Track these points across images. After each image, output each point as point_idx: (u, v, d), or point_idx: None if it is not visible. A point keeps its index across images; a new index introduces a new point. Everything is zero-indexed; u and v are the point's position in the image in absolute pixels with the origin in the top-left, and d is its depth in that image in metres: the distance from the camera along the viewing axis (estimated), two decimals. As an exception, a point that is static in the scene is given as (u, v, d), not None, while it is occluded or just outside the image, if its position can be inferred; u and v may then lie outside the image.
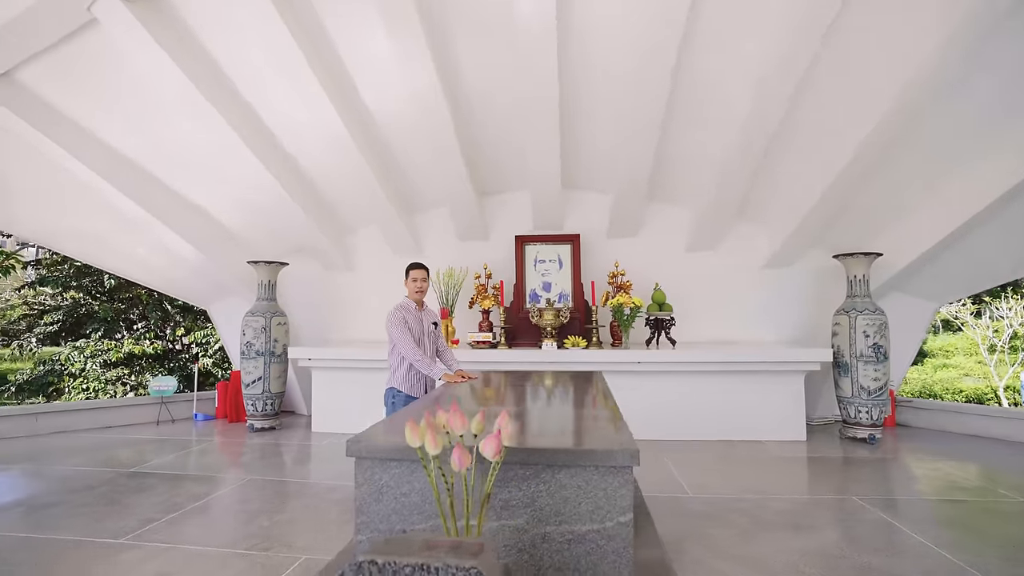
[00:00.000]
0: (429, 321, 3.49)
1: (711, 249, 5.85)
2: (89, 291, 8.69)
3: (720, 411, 5.04)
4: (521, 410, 2.34)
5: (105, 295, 8.69)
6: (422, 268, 3.50)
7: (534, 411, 2.31)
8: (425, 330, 3.43)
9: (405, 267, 3.51)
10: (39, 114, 4.78)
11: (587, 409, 2.33)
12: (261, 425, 5.59)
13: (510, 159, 5.47)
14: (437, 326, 3.54)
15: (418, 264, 3.51)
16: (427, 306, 3.57)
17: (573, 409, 2.39)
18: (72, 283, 8.58)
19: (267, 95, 4.75)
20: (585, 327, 5.54)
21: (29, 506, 3.39)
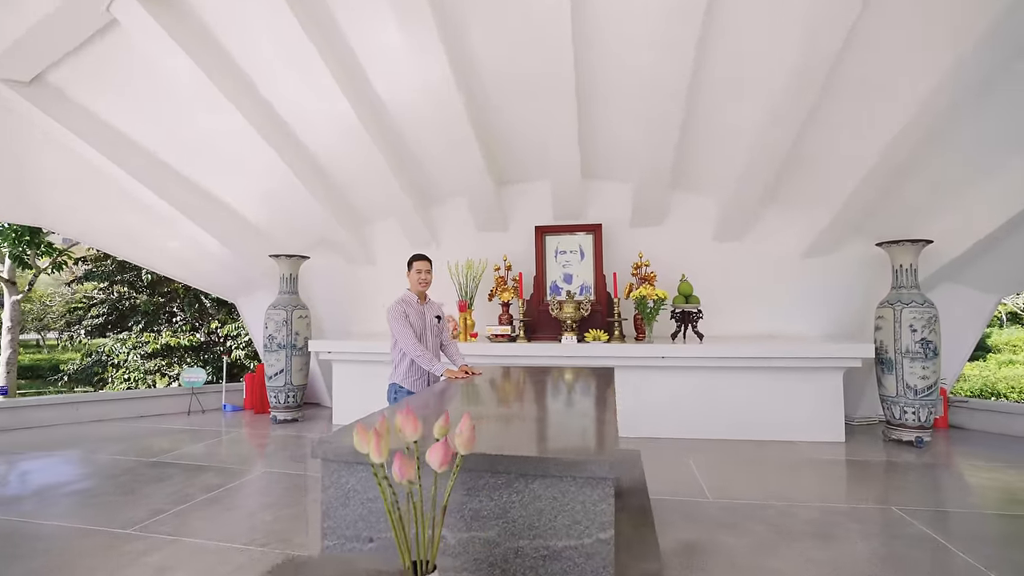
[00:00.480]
0: (432, 315, 3.39)
1: (740, 238, 5.52)
2: (132, 285, 9.05)
3: (750, 409, 4.76)
4: (509, 411, 2.20)
5: (146, 289, 9.04)
6: (426, 260, 3.39)
7: (522, 412, 2.16)
8: (427, 324, 3.33)
9: (408, 259, 3.42)
10: (69, 113, 4.93)
11: (582, 411, 2.17)
12: (284, 417, 5.66)
13: (529, 148, 5.30)
14: (440, 319, 3.44)
15: (421, 255, 3.41)
16: (430, 299, 3.47)
17: (566, 410, 2.23)
18: (116, 278, 8.96)
19: (281, 89, 4.76)
20: (607, 320, 5.33)
21: (50, 494, 3.50)
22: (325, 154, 5.33)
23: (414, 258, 3.38)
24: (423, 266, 3.36)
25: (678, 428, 4.84)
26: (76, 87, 4.86)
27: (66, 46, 4.53)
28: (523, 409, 2.22)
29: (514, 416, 2.06)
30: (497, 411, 2.19)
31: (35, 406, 5.68)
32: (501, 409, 2.24)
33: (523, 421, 1.96)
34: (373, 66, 4.54)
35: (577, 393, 2.59)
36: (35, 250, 9.87)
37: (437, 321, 3.40)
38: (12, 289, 10.27)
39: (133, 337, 8.40)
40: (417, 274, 3.34)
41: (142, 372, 7.96)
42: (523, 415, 2.09)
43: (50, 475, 3.95)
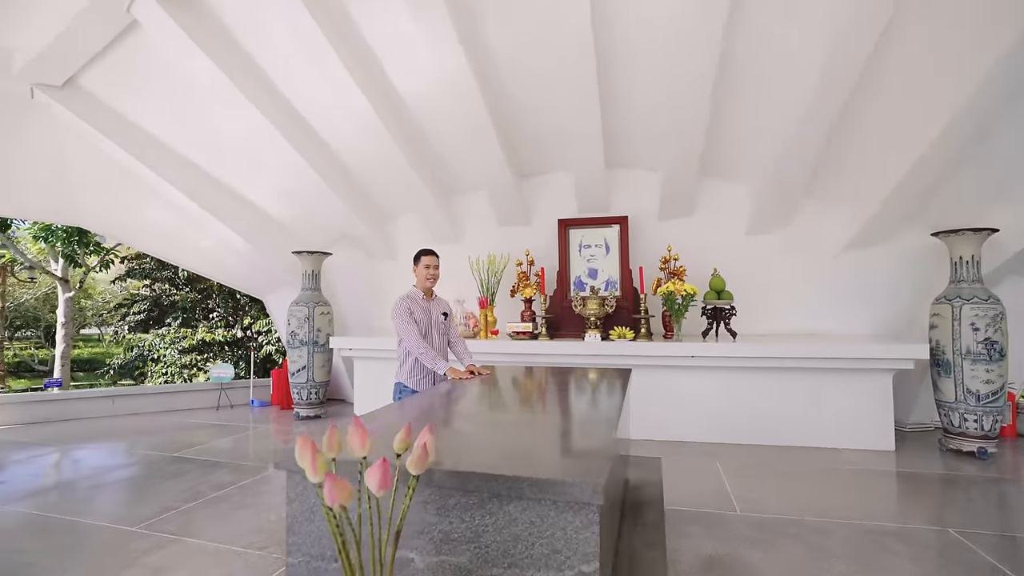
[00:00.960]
0: (438, 311, 3.25)
1: (777, 229, 5.14)
2: (172, 282, 9.35)
3: (787, 413, 4.42)
4: (503, 417, 2.02)
5: (184, 286, 9.32)
6: (433, 255, 3.26)
7: (517, 418, 1.97)
8: (433, 321, 3.20)
9: (416, 253, 3.28)
10: (99, 115, 5.02)
11: (583, 419, 1.96)
12: (306, 413, 5.67)
13: (549, 138, 5.09)
14: (448, 317, 3.29)
15: (429, 250, 3.27)
16: (437, 295, 3.34)
17: (565, 417, 2.02)
18: (156, 275, 9.27)
19: (300, 86, 4.71)
20: (633, 317, 5.08)
21: (69, 488, 3.56)
22: (345, 150, 5.27)
23: (421, 253, 3.25)
24: (431, 261, 3.23)
25: (707, 432, 4.55)
26: (106, 90, 4.95)
27: (92, 48, 4.60)
28: (519, 415, 2.04)
29: (505, 423, 1.88)
30: (489, 416, 2.02)
31: (75, 399, 5.89)
32: (494, 414, 2.07)
33: (514, 429, 1.78)
34: (389, 58, 4.43)
35: (584, 397, 2.39)
36: (84, 249, 10.35)
37: (444, 318, 3.26)
38: (65, 287, 10.80)
39: (171, 333, 8.68)
40: (425, 269, 3.21)
41: (178, 367, 8.20)
42: (517, 422, 1.91)
43: (73, 469, 4.04)
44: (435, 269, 3.24)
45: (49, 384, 9.79)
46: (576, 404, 2.27)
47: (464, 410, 2.15)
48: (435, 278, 3.24)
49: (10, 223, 10.53)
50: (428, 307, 3.21)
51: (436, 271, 3.25)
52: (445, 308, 3.32)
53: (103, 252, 10.65)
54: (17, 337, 19.45)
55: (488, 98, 4.54)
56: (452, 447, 1.49)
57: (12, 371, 15.85)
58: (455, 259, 5.89)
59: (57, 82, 4.89)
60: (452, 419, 2.00)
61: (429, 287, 3.24)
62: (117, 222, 6.19)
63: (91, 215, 6.07)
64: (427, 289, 3.24)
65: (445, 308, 3.32)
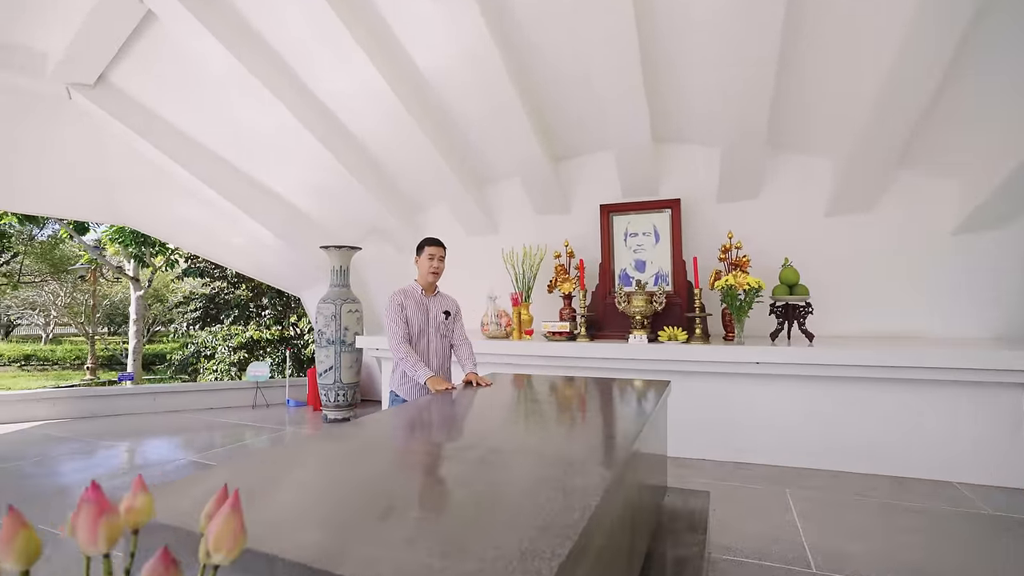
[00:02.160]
0: (438, 309, 2.79)
1: (865, 209, 4.27)
2: (227, 279, 9.57)
3: (881, 434, 3.60)
4: (438, 456, 1.48)
5: (238, 284, 9.51)
6: (439, 245, 2.83)
7: (482, 456, 1.40)
8: (431, 320, 2.74)
9: (420, 243, 2.84)
10: (131, 112, 4.98)
11: (569, 458, 1.38)
12: (334, 416, 5.42)
13: (587, 112, 4.51)
14: (451, 316, 2.82)
15: (434, 240, 2.84)
16: (440, 291, 2.88)
17: (546, 462, 1.43)
18: (212, 273, 9.52)
19: (316, 70, 4.43)
20: (687, 315, 4.39)
21: (73, 492, 3.42)
22: (370, 138, 4.96)
23: (426, 242, 2.82)
24: (436, 252, 2.79)
25: (776, 453, 3.82)
26: (136, 86, 4.89)
27: (114, 43, 4.53)
28: (487, 454, 1.49)
29: (460, 471, 1.34)
30: (450, 449, 1.49)
31: (119, 395, 5.98)
32: (455, 445, 1.54)
33: (457, 488, 1.23)
34: (405, 31, 4.03)
35: (592, 422, 1.83)
36: (150, 249, 10.86)
37: (445, 317, 2.79)
38: (136, 285, 11.41)
39: (223, 330, 8.85)
40: (428, 261, 2.77)
41: (227, 364, 8.32)
42: (479, 462, 1.37)
43: (86, 469, 3.94)
44: (440, 261, 2.81)
45: (123, 377, 10.23)
46: (585, 432, 1.72)
47: (433, 434, 1.66)
48: (439, 272, 2.81)
49: (87, 226, 11.26)
50: (426, 304, 2.77)
51: (441, 264, 2.81)
52: (449, 306, 2.86)
53: (168, 252, 11.14)
54: (109, 333, 21.21)
55: (513, 69, 4.05)
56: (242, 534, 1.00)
57: (105, 364, 17.24)
58: (490, 253, 5.44)
59: (89, 80, 4.87)
60: (361, 459, 1.51)
61: (432, 281, 2.80)
62: (155, 220, 6.23)
63: (130, 213, 6.14)
64: (429, 284, 2.80)
65: (449, 306, 2.86)
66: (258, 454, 1.53)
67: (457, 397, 2.33)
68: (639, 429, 1.61)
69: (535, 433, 1.71)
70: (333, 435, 1.62)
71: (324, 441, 1.58)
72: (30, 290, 18.82)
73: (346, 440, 1.57)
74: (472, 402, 2.19)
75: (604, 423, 1.82)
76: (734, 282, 4.04)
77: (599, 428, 1.75)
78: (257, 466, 1.32)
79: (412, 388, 2.66)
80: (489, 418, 1.93)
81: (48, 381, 14.52)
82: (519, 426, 1.82)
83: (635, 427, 1.67)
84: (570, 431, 1.71)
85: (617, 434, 1.64)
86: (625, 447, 1.43)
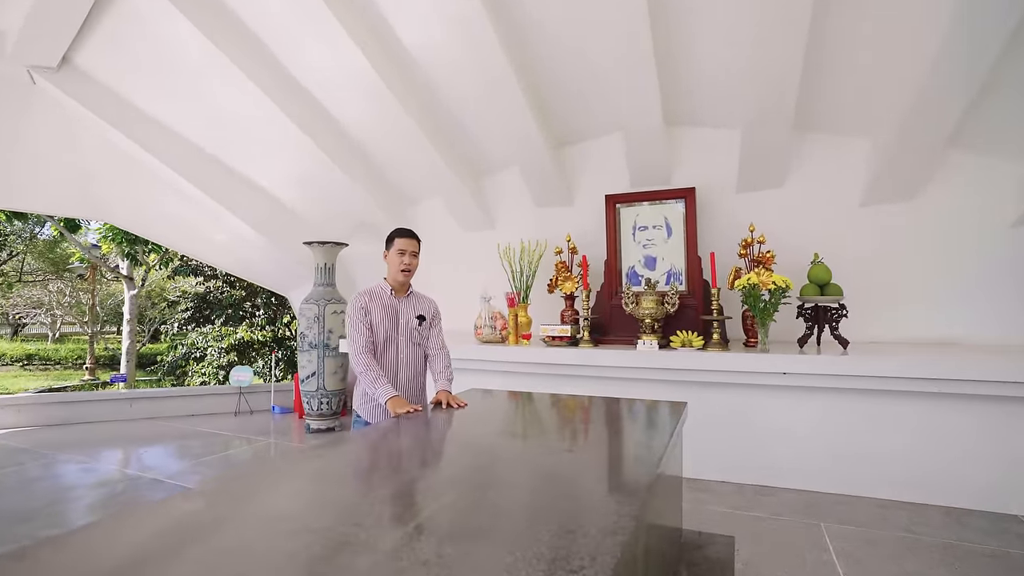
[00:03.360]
0: (411, 313, 2.35)
1: (907, 198, 3.77)
2: (217, 279, 9.23)
3: (931, 457, 3.11)
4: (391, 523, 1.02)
5: (232, 283, 9.16)
6: (412, 237, 2.39)
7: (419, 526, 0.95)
8: (402, 326, 2.31)
9: (389, 234, 2.40)
10: (98, 98, 4.61)
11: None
12: (317, 426, 5.01)
13: (591, 92, 4.05)
14: (425, 321, 2.37)
15: (406, 231, 2.40)
16: (415, 292, 2.44)
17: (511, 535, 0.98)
18: (203, 271, 9.18)
19: (291, 47, 4.05)
20: (702, 318, 3.92)
21: (26, 512, 3.02)
22: (355, 125, 4.57)
23: (395, 234, 2.38)
24: (408, 245, 2.34)
25: (806, 476, 3.34)
26: (103, 70, 4.50)
27: (74, 20, 4.14)
28: (457, 516, 1.03)
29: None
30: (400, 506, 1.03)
31: (93, 401, 5.62)
32: (411, 499, 1.09)
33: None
34: (389, 5, 3.60)
35: (586, 468, 1.37)
36: (143, 247, 10.55)
37: (419, 323, 2.34)
38: (130, 284, 11.11)
39: (215, 331, 8.50)
40: (399, 256, 2.33)
41: (215, 367, 7.96)
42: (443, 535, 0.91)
43: (20, 490, 3.55)
44: (412, 257, 2.35)
45: (115, 379, 9.91)
46: (560, 493, 1.26)
47: (369, 485, 1.22)
48: (412, 269, 2.36)
49: (78, 224, 10.98)
50: (395, 306, 2.33)
51: (414, 260, 2.36)
52: (424, 308, 2.41)
53: (161, 250, 10.82)
54: (117, 332, 21.06)
55: (509, 44, 3.61)
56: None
57: (106, 364, 17.05)
58: (485, 248, 5.00)
59: (51, 63, 4.50)
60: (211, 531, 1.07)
61: (403, 280, 2.35)
62: (134, 215, 5.86)
63: (108, 208, 5.77)
64: (400, 283, 2.35)
65: (424, 308, 2.41)
66: (189, 500, 1.10)
67: (428, 422, 1.89)
68: (650, 479, 1.16)
69: (514, 481, 1.26)
70: (279, 468, 1.19)
71: (263, 480, 1.15)
72: (35, 289, 18.72)
73: (281, 481, 1.13)
74: (444, 432, 1.76)
75: (609, 472, 1.37)
76: (758, 281, 3.56)
77: (601, 479, 1.30)
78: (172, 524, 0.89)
79: (375, 409, 2.23)
80: (461, 456, 1.49)
81: (47, 381, 14.33)
82: (498, 468, 1.37)
83: (645, 478, 1.21)
84: (564, 482, 1.26)
85: (625, 485, 1.19)
86: (634, 514, 0.97)
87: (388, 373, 2.25)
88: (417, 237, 2.41)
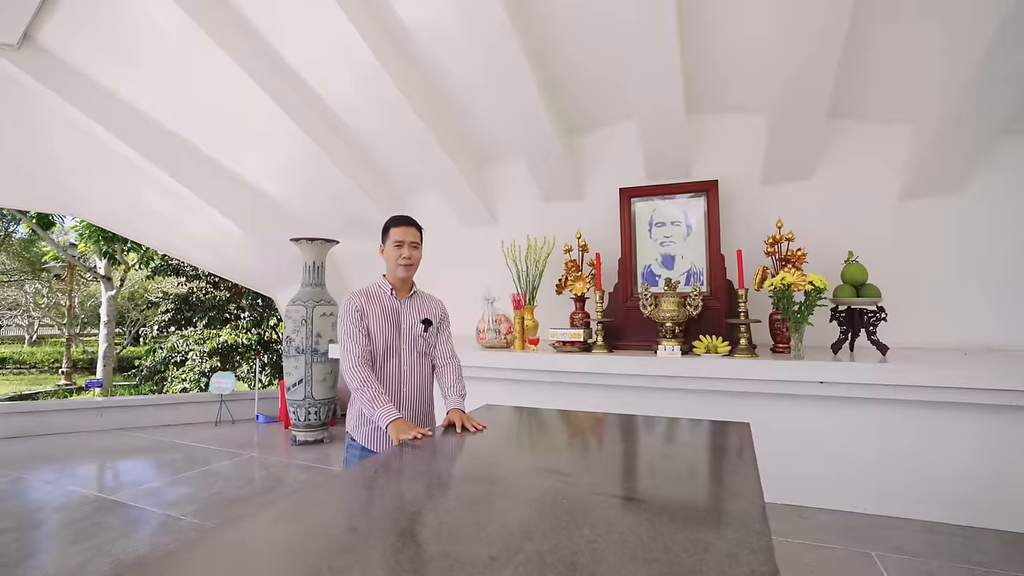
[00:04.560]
0: (414, 316, 1.98)
1: (952, 191, 3.47)
2: (201, 278, 8.76)
3: (986, 475, 2.81)
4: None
5: (217, 283, 8.70)
6: (410, 224, 2.00)
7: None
8: (403, 331, 1.94)
9: (384, 225, 2.03)
10: (66, 80, 4.18)
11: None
12: (304, 438, 4.62)
13: (606, 73, 3.72)
14: (430, 326, 2.01)
15: (402, 218, 2.01)
16: (418, 291, 2.07)
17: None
18: (185, 271, 8.72)
19: (282, 27, 3.68)
20: (727, 322, 3.60)
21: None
22: (346, 110, 4.20)
23: (391, 223, 2.00)
24: (405, 235, 1.96)
25: (849, 498, 3.03)
26: (69, 49, 4.09)
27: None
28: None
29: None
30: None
31: (59, 411, 5.18)
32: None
33: None
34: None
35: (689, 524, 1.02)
36: (122, 245, 10.04)
37: (424, 328, 1.98)
38: (108, 285, 10.59)
39: (195, 334, 8.05)
40: (396, 248, 1.95)
41: (196, 373, 7.51)
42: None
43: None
44: (412, 248, 1.96)
45: (90, 384, 9.35)
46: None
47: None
48: (413, 262, 1.97)
49: (52, 220, 10.46)
50: (396, 308, 1.96)
51: (415, 252, 1.97)
52: (430, 311, 2.04)
53: (141, 248, 10.32)
54: (90, 334, 20.37)
55: (516, 19, 3.26)
56: None
57: (85, 367, 16.40)
58: (488, 246, 4.64)
59: (11, 40, 4.07)
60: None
61: (404, 276, 1.97)
62: (108, 209, 5.44)
63: (80, 202, 5.34)
64: (401, 280, 1.98)
65: (430, 311, 2.04)
66: None
67: (438, 451, 1.54)
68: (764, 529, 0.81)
69: (601, 552, 0.91)
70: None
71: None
72: (11, 290, 18.04)
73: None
74: (467, 466, 1.40)
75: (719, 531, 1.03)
76: (792, 281, 3.25)
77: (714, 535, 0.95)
78: None
79: (373, 433, 1.85)
80: (504, 508, 1.13)
81: (21, 386, 13.71)
82: (558, 523, 1.02)
83: (762, 539, 0.87)
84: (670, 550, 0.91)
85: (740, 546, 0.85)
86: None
87: (389, 389, 1.89)
88: (417, 225, 2.02)
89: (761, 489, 1.16)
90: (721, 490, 1.22)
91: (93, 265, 11.45)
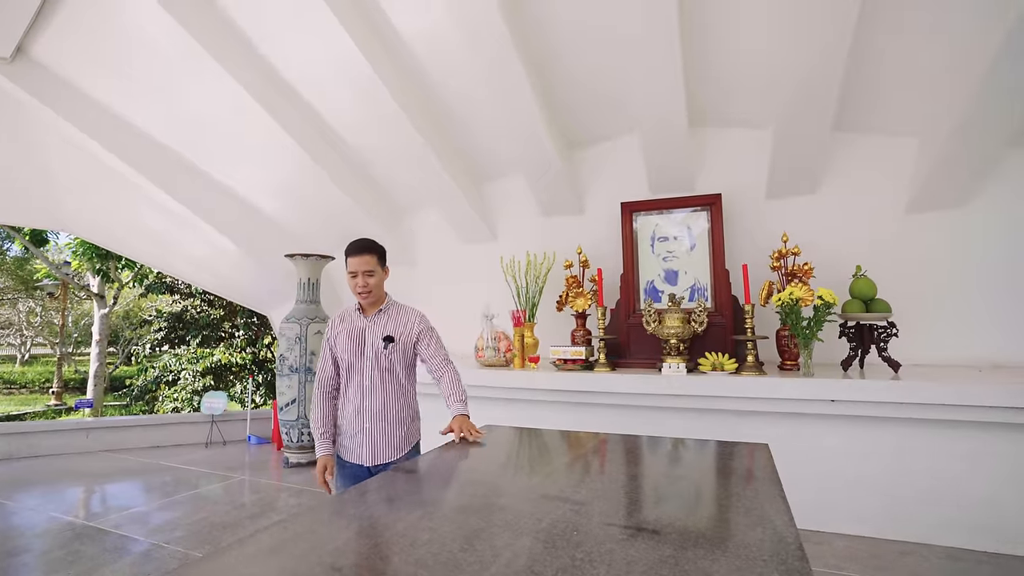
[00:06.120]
0: (376, 334, 1.95)
1: (961, 203, 3.41)
2: (195, 297, 8.65)
3: (1008, 498, 2.69)
4: None
5: (212, 301, 8.59)
6: (360, 253, 1.97)
7: None
8: (366, 350, 1.93)
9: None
10: (59, 94, 4.14)
11: None
12: (297, 459, 4.47)
13: (607, 87, 3.69)
14: (391, 342, 1.95)
15: (355, 246, 1.99)
16: (390, 305, 2.05)
17: None
18: (179, 289, 8.61)
19: (278, 41, 3.66)
20: (734, 338, 3.50)
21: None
22: (344, 125, 4.16)
23: (347, 252, 2.00)
24: (357, 264, 1.95)
25: (863, 522, 2.91)
26: (62, 63, 4.05)
27: (29, 2, 3.71)
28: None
29: None
30: None
31: (44, 432, 5.02)
32: None
33: None
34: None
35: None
36: (116, 263, 9.94)
37: (384, 345, 1.92)
38: (101, 303, 10.46)
39: (189, 353, 7.90)
40: (351, 278, 1.97)
41: (188, 392, 7.35)
42: None
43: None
44: (367, 276, 1.94)
45: (80, 404, 9.17)
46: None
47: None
48: (369, 290, 1.96)
49: (45, 237, 10.37)
50: (362, 327, 1.97)
51: (369, 279, 1.95)
52: (395, 327, 1.99)
53: (135, 266, 10.22)
54: (83, 354, 20.14)
55: (516, 31, 3.23)
56: None
57: (77, 387, 16.16)
58: (487, 262, 4.56)
59: (4, 53, 4.04)
60: None
61: (364, 303, 2.01)
62: (102, 226, 5.36)
63: (75, 219, 5.27)
64: (367, 303, 2.00)
65: (395, 327, 1.99)
66: None
67: (430, 476, 1.42)
68: None
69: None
70: None
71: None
72: (4, 308, 17.86)
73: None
74: (456, 488, 1.29)
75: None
76: (798, 296, 3.16)
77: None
78: None
79: (340, 441, 1.96)
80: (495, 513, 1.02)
81: (11, 406, 13.47)
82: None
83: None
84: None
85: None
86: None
87: (353, 406, 1.93)
88: (371, 249, 1.99)
89: (793, 520, 1.05)
90: (748, 520, 1.11)
91: (87, 283, 11.33)
